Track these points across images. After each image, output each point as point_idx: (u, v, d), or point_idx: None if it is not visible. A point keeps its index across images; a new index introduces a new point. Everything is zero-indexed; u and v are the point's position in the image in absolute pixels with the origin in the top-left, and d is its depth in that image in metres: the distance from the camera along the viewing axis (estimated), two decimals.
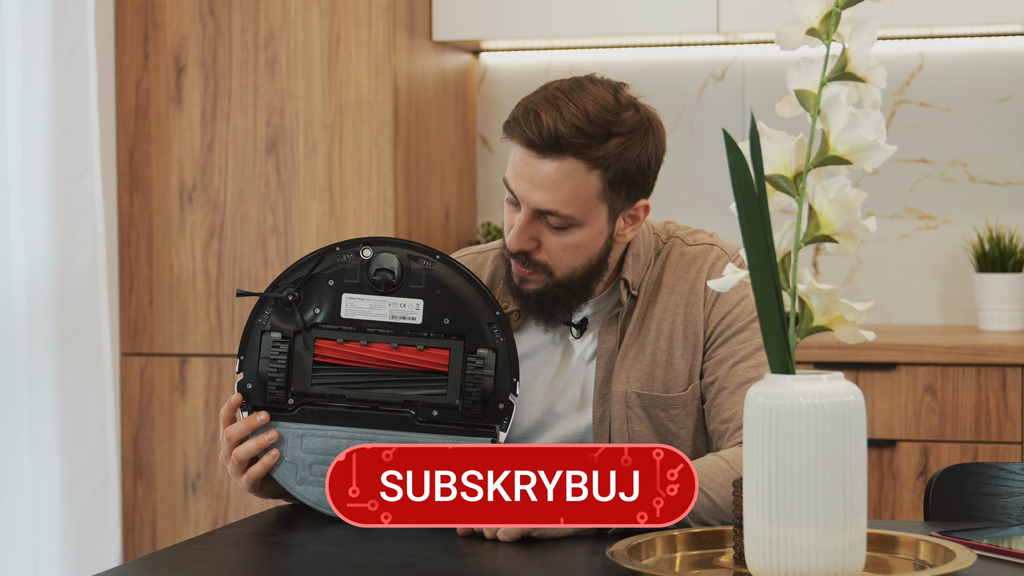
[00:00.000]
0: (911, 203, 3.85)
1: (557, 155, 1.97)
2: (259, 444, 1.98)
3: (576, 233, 2.02)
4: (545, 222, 2.01)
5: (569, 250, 2.03)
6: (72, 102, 3.38)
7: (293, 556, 1.81)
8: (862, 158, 1.50)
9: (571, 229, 2.01)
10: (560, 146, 1.96)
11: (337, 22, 3.49)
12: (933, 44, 3.82)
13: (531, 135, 1.97)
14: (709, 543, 1.73)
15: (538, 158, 1.98)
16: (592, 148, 1.98)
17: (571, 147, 1.97)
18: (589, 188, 1.99)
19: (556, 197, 1.98)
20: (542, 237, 2.03)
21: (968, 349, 3.31)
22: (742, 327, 2.09)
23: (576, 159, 1.97)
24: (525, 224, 2.01)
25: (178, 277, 3.59)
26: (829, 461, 1.44)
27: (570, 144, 1.96)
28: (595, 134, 1.98)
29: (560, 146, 1.96)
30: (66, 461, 3.37)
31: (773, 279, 1.48)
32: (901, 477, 3.35)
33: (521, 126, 1.98)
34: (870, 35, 1.50)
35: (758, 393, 1.47)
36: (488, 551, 1.79)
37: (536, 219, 2.01)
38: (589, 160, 1.98)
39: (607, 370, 2.12)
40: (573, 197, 1.99)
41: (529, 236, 2.02)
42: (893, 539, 1.69)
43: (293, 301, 2.00)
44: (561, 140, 1.96)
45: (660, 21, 3.64)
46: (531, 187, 1.99)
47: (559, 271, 2.04)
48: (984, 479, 2.22)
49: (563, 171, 1.98)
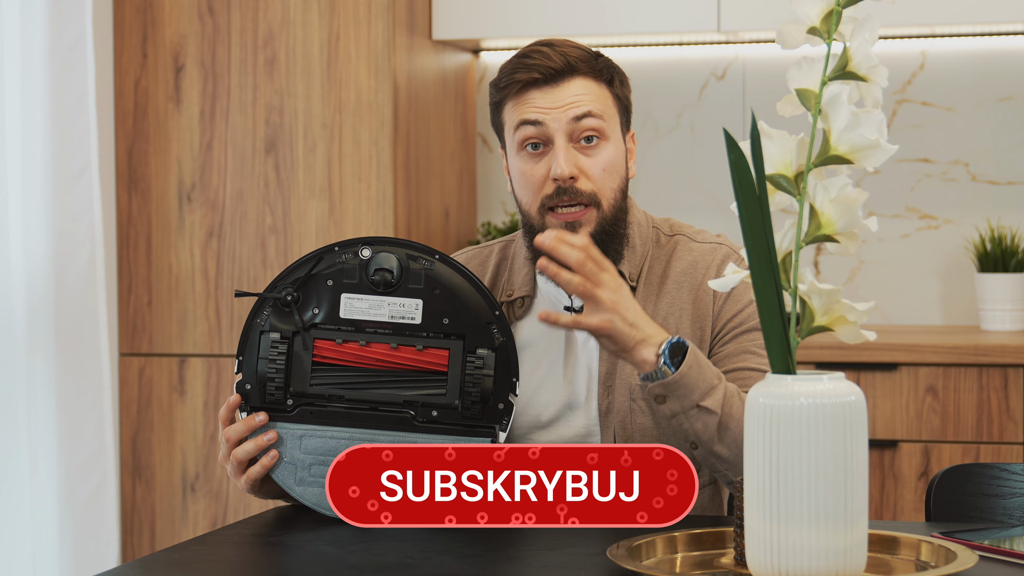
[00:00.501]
0: (912, 203, 3.85)
1: (571, 76, 2.11)
2: (258, 445, 1.98)
3: (607, 147, 2.11)
4: (579, 146, 2.10)
5: (608, 170, 2.11)
6: (70, 101, 3.38)
7: (292, 557, 1.81)
8: (863, 157, 1.50)
9: (602, 144, 2.11)
10: (572, 68, 2.10)
11: (336, 21, 3.49)
12: (935, 43, 3.82)
13: (545, 64, 2.09)
14: (710, 544, 1.73)
15: (554, 86, 2.10)
16: (594, 65, 2.12)
17: (580, 66, 2.11)
18: (605, 98, 2.12)
19: (587, 104, 2.10)
20: (580, 162, 2.10)
21: (970, 349, 3.31)
22: (753, 326, 2.12)
23: (586, 77, 2.11)
24: (566, 148, 2.09)
25: (177, 277, 3.59)
26: (830, 462, 1.44)
27: (579, 63, 2.10)
28: (592, 54, 2.13)
29: (572, 68, 2.10)
30: (64, 461, 3.37)
31: (774, 279, 1.48)
32: (902, 478, 3.35)
33: (527, 64, 2.10)
34: (871, 34, 1.50)
35: (759, 393, 1.47)
36: (487, 552, 1.79)
37: (571, 144, 2.10)
38: (596, 75, 2.12)
39: (611, 362, 2.14)
40: (598, 103, 2.11)
41: (573, 160, 2.09)
42: (894, 540, 1.69)
43: (292, 301, 1.99)
44: (571, 61, 2.10)
45: (661, 20, 3.64)
46: (561, 108, 2.09)
47: (605, 199, 2.11)
48: (986, 480, 2.21)
49: (582, 86, 2.11)
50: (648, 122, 3.94)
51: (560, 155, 2.08)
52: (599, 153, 2.10)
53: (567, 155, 2.08)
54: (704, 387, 1.95)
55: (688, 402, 1.95)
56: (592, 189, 2.10)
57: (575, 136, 2.09)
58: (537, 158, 2.11)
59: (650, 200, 3.87)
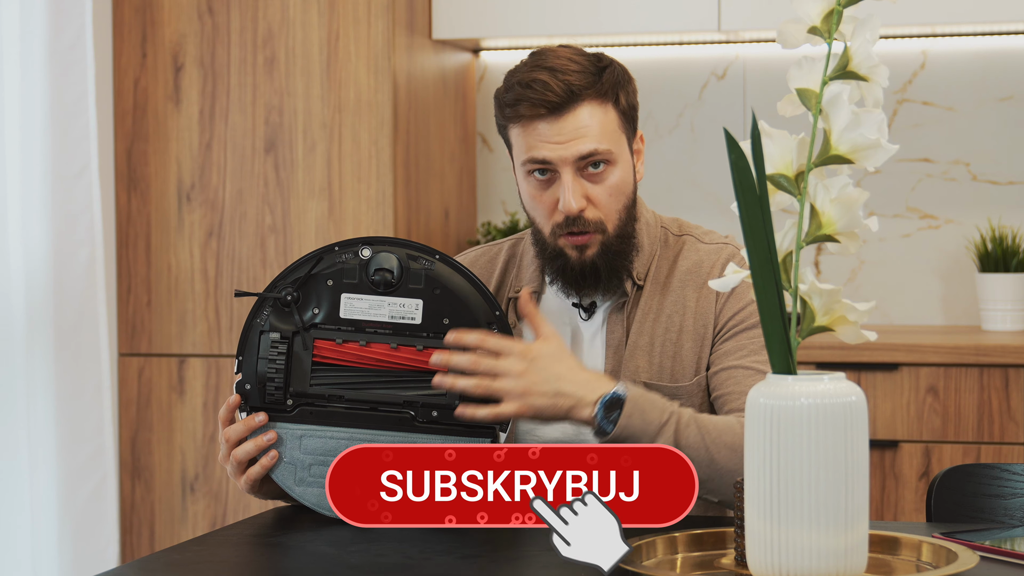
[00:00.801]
0: (913, 203, 3.85)
1: (575, 104, 2.08)
2: (257, 445, 1.98)
3: (614, 172, 2.10)
4: (586, 173, 2.09)
5: (614, 194, 2.11)
6: (70, 101, 3.37)
7: (292, 558, 1.80)
8: (864, 157, 1.50)
9: (609, 169, 2.10)
10: (574, 95, 2.07)
11: (336, 20, 3.49)
12: (935, 43, 3.81)
13: (547, 98, 2.07)
14: (710, 545, 1.73)
15: (559, 117, 2.07)
16: (597, 85, 2.08)
17: (583, 91, 2.07)
18: (610, 121, 2.10)
19: (592, 138, 2.08)
20: (587, 192, 2.10)
21: (971, 349, 3.30)
22: (753, 324, 2.13)
23: (590, 101, 2.08)
24: (572, 182, 2.08)
25: (176, 277, 3.59)
26: (831, 462, 1.44)
27: (581, 88, 2.07)
28: (593, 71, 2.09)
29: (574, 95, 2.07)
30: (64, 462, 3.36)
31: (775, 279, 1.47)
32: (903, 478, 3.34)
33: (531, 98, 2.07)
34: (872, 34, 1.50)
35: (759, 394, 1.47)
36: (488, 552, 1.78)
37: (578, 174, 2.09)
38: (600, 96, 2.09)
39: (615, 360, 2.15)
40: (604, 133, 2.09)
41: (580, 193, 2.09)
42: (895, 540, 1.69)
43: (292, 301, 1.99)
44: (573, 88, 2.07)
45: (661, 19, 3.64)
46: (565, 144, 2.07)
47: (610, 222, 2.12)
48: (987, 480, 2.21)
49: (587, 114, 2.08)
50: (648, 122, 3.94)
51: (567, 192, 2.08)
52: (607, 178, 2.10)
53: (574, 189, 2.09)
54: (651, 431, 1.96)
55: None
56: (598, 217, 2.10)
57: (582, 166, 2.09)
58: (545, 185, 2.11)
59: (651, 200, 3.82)
